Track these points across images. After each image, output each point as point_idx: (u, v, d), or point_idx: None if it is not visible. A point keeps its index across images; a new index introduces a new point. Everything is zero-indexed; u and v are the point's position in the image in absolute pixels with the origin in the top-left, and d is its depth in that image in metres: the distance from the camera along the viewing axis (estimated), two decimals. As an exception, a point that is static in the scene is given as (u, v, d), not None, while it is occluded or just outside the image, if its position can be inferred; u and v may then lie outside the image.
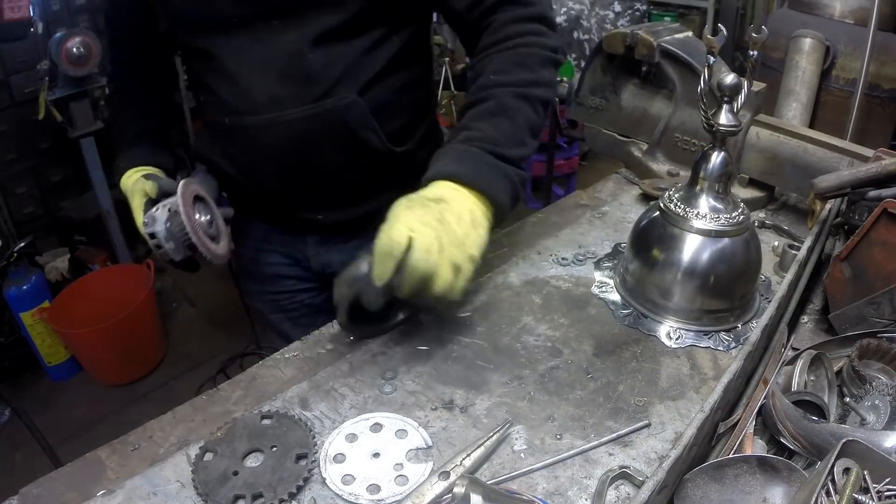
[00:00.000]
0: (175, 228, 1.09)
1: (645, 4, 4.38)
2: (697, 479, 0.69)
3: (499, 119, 1.01)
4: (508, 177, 0.97)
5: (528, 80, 1.04)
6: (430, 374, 0.93)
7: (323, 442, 0.82)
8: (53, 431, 2.73)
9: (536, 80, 1.05)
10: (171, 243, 1.09)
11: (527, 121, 1.02)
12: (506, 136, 0.99)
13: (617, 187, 1.47)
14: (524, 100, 1.02)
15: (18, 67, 3.29)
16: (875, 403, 0.80)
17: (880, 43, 2.18)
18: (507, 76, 1.03)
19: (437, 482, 0.74)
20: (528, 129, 1.03)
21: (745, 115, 1.27)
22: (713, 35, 0.91)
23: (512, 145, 0.99)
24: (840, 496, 0.59)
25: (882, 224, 0.91)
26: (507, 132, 0.99)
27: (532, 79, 1.04)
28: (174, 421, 0.87)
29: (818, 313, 1.05)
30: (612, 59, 1.46)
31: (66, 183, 3.75)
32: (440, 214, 0.88)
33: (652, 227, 1.03)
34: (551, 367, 0.94)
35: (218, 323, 3.53)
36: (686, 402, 0.88)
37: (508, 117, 1.01)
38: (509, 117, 1.01)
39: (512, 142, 0.99)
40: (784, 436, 0.74)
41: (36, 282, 2.92)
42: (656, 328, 1.01)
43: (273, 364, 0.97)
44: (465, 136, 0.99)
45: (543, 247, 1.23)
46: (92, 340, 2.93)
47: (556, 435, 0.83)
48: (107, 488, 0.76)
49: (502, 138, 0.98)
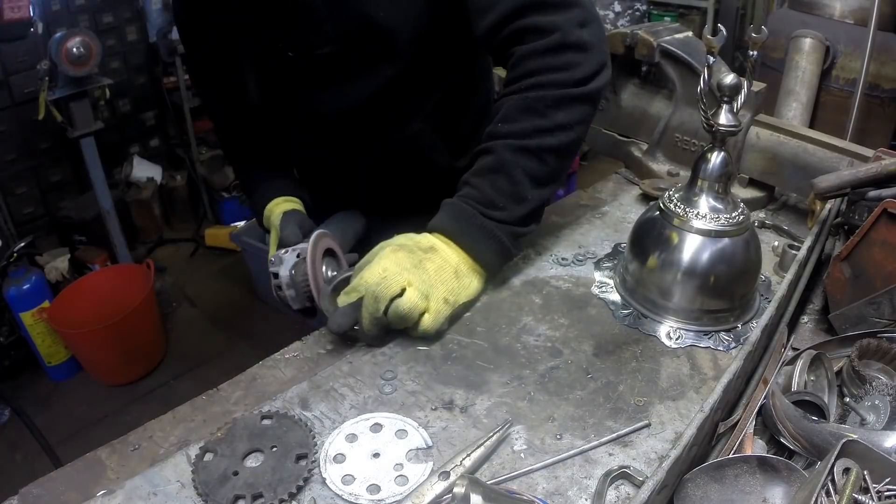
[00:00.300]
0: (298, 277, 1.10)
1: (645, 4, 4.38)
2: (697, 479, 0.69)
3: (496, 177, 1.04)
4: (495, 238, 1.03)
5: (533, 128, 1.03)
6: (430, 374, 0.93)
7: (323, 442, 0.82)
8: (53, 431, 2.74)
9: (544, 126, 1.03)
10: (291, 290, 1.11)
11: (528, 174, 1.04)
12: (502, 195, 1.04)
13: (617, 187, 1.47)
14: (525, 153, 1.03)
15: (18, 67, 3.30)
16: (875, 403, 0.80)
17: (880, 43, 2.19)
18: (511, 125, 1.04)
19: (437, 482, 0.74)
20: (530, 182, 1.04)
21: (745, 115, 1.27)
22: (713, 35, 0.91)
23: (509, 203, 1.04)
24: (840, 496, 0.59)
25: (882, 224, 0.91)
26: (503, 191, 1.04)
27: (539, 126, 1.03)
28: (174, 421, 0.87)
29: (818, 313, 1.05)
30: (612, 59, 1.45)
31: (66, 183, 3.76)
32: (419, 262, 0.98)
33: (652, 227, 1.03)
34: (551, 367, 0.94)
35: (218, 323, 3.53)
36: (686, 402, 0.88)
37: (506, 174, 1.03)
38: (506, 174, 1.03)
39: (509, 200, 1.04)
40: (784, 436, 0.74)
41: (36, 282, 2.92)
42: (656, 328, 1.01)
43: (273, 364, 0.97)
44: (464, 193, 1.06)
45: (543, 247, 1.23)
46: (92, 340, 2.93)
47: (556, 435, 0.83)
48: (107, 488, 0.76)
49: (498, 198, 1.03)
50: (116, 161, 4.01)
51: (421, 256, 0.99)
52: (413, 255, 0.98)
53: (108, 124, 3.48)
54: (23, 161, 3.51)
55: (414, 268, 0.97)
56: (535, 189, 1.05)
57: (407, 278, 0.95)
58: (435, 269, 0.99)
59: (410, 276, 0.95)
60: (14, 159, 3.47)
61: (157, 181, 4.13)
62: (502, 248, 1.05)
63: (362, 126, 1.28)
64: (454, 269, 1.01)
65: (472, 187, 1.06)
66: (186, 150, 4.22)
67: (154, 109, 4.20)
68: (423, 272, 0.97)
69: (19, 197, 3.53)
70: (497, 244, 1.04)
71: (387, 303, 0.94)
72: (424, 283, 0.96)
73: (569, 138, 1.05)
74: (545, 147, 1.03)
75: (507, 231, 1.05)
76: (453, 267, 1.01)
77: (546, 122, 1.03)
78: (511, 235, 1.05)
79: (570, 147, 1.07)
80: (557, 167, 1.07)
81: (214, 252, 4.07)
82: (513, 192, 1.04)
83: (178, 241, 4.16)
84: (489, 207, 1.04)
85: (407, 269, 0.96)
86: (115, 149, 3.94)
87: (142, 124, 4.19)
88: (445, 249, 1.02)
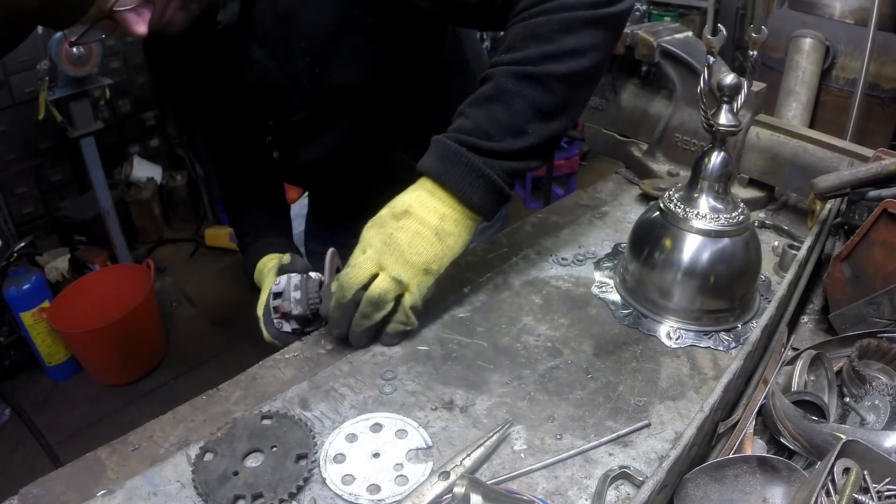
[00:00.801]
0: (311, 289, 1.06)
1: (645, 4, 4.38)
2: (697, 479, 0.69)
3: (493, 105, 0.95)
4: (484, 176, 0.94)
5: (538, 55, 0.93)
6: (430, 374, 0.93)
7: (323, 442, 0.82)
8: (53, 431, 2.74)
9: (550, 52, 0.93)
10: (298, 293, 1.06)
11: (531, 104, 0.94)
12: (497, 127, 0.94)
13: (617, 187, 1.47)
14: (528, 80, 0.93)
15: (18, 67, 3.30)
16: (875, 403, 0.80)
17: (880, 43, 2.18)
18: (514, 53, 0.95)
19: (437, 482, 0.74)
20: (532, 113, 0.94)
21: (745, 115, 1.27)
22: (713, 35, 0.91)
23: (504, 136, 0.94)
24: (840, 496, 0.59)
25: (882, 224, 0.91)
26: (500, 121, 0.94)
27: (545, 52, 0.93)
28: (174, 421, 0.87)
29: (818, 313, 1.05)
30: (613, 59, 1.46)
31: (66, 183, 3.76)
32: (389, 237, 0.93)
33: (652, 227, 1.03)
34: (551, 367, 0.94)
35: (218, 323, 3.53)
36: (686, 402, 0.88)
37: (505, 103, 0.94)
38: (506, 103, 0.94)
39: (505, 132, 0.94)
40: (784, 436, 0.74)
41: (36, 282, 2.92)
42: (656, 328, 1.01)
43: (273, 364, 0.97)
44: (456, 125, 0.97)
45: (543, 247, 1.23)
46: (92, 340, 2.93)
47: (556, 435, 0.83)
48: (107, 488, 0.76)
49: (493, 129, 0.94)
50: (116, 161, 4.01)
51: (392, 229, 0.94)
52: (384, 230, 0.94)
53: (108, 124, 3.48)
54: (23, 161, 3.51)
55: (384, 246, 0.93)
56: (540, 122, 0.95)
57: (377, 262, 0.92)
58: (408, 241, 0.93)
59: (381, 258, 0.92)
60: (14, 159, 3.47)
61: (157, 181, 4.14)
62: (493, 188, 0.95)
63: (344, 164, 1.36)
64: (434, 231, 0.94)
65: (465, 117, 0.96)
66: (186, 150, 4.22)
67: (154, 109, 4.20)
68: (395, 249, 0.92)
69: (19, 197, 3.53)
70: (486, 183, 0.94)
71: (354, 292, 0.92)
72: (397, 263, 0.92)
73: (580, 65, 0.94)
74: (552, 74, 0.93)
75: (499, 167, 0.94)
76: (433, 228, 0.94)
77: (552, 48, 0.93)
78: (505, 172, 0.95)
79: (582, 75, 0.96)
80: (567, 98, 0.96)
81: (214, 252, 4.07)
82: (511, 124, 0.94)
83: (178, 241, 4.16)
84: (482, 139, 0.94)
85: (377, 251, 0.92)
86: (115, 149, 3.94)
87: (142, 124, 4.19)
88: (423, 208, 0.94)
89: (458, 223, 0.96)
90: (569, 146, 4.20)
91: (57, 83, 2.87)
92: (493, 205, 0.97)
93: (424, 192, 0.96)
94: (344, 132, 1.28)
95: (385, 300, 0.93)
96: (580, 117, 1.38)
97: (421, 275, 0.94)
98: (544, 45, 0.93)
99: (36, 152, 3.56)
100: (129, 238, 3.58)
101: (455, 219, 0.95)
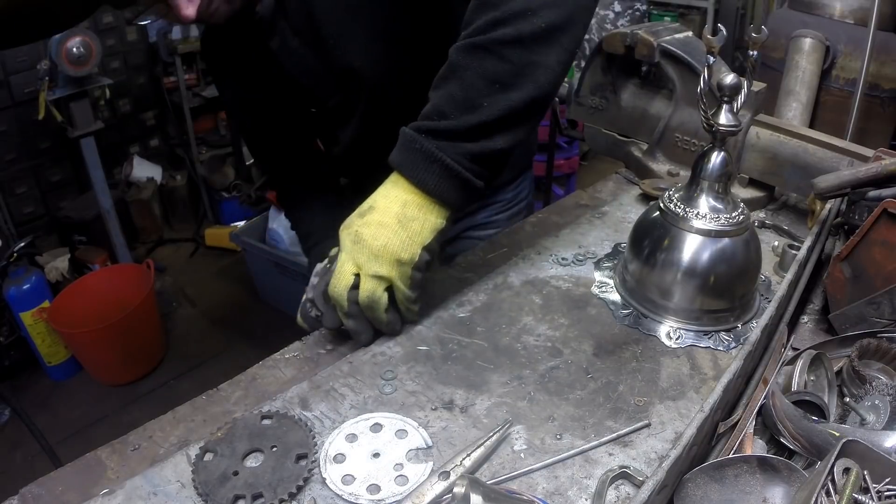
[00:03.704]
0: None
1: (645, 4, 4.38)
2: (697, 479, 0.69)
3: (448, 84, 0.91)
4: (437, 161, 0.89)
5: (486, 22, 0.89)
6: (430, 374, 0.93)
7: (323, 442, 0.82)
8: (53, 431, 2.74)
9: (499, 18, 0.88)
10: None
11: (482, 76, 0.89)
12: (451, 104, 0.90)
13: (617, 187, 1.47)
14: (476, 51, 0.89)
15: (18, 67, 3.30)
16: (875, 403, 0.80)
17: (880, 43, 2.18)
18: (467, 28, 0.92)
19: (437, 482, 0.74)
20: (485, 85, 0.89)
21: (745, 115, 1.27)
22: (713, 35, 0.91)
23: (457, 112, 0.89)
24: (840, 496, 0.59)
25: (882, 224, 0.91)
26: (454, 98, 0.90)
27: (493, 18, 0.88)
28: (174, 421, 0.87)
29: (818, 313, 1.05)
30: (612, 59, 1.46)
31: (66, 183, 3.76)
32: (355, 235, 0.92)
33: (652, 227, 1.03)
34: (551, 367, 0.94)
35: (218, 323, 3.53)
36: (686, 402, 0.88)
37: (458, 78, 0.90)
38: (458, 78, 0.90)
39: (458, 108, 0.89)
40: (784, 436, 0.74)
41: (36, 282, 2.92)
42: (656, 328, 1.01)
43: (273, 364, 0.97)
44: (422, 112, 0.94)
45: (543, 247, 1.23)
46: (92, 340, 2.93)
47: (556, 435, 0.83)
48: (107, 488, 0.76)
49: (448, 108, 0.90)
50: (116, 161, 4.02)
51: (357, 226, 0.92)
52: (351, 230, 0.93)
53: (108, 124, 3.48)
54: (23, 161, 3.51)
55: (353, 244, 0.92)
56: (497, 93, 0.89)
57: (353, 262, 0.91)
58: (372, 234, 0.90)
59: (354, 257, 0.91)
60: (14, 159, 3.47)
61: (157, 181, 4.14)
62: (448, 172, 0.90)
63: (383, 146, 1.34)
64: (397, 219, 0.91)
65: (428, 103, 0.93)
66: (186, 150, 4.22)
67: (154, 109, 4.21)
68: (362, 246, 0.91)
69: (19, 197, 3.54)
70: (441, 168, 0.90)
71: (345, 298, 0.92)
72: (368, 260, 0.91)
73: (533, 25, 0.88)
74: (499, 40, 0.88)
75: (454, 151, 0.90)
76: (395, 216, 0.91)
77: (498, 13, 0.88)
78: (462, 155, 0.90)
79: (538, 35, 0.89)
80: (524, 62, 0.89)
81: (214, 252, 4.07)
82: (464, 99, 0.89)
83: (178, 241, 4.16)
84: (438, 118, 0.90)
85: (348, 251, 0.92)
86: (115, 149, 3.95)
87: (142, 124, 4.20)
88: (386, 199, 0.93)
89: (422, 207, 0.92)
90: (569, 146, 4.20)
91: (57, 83, 2.88)
92: (455, 191, 0.92)
93: (389, 184, 0.94)
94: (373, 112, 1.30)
95: (376, 299, 0.92)
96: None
97: (396, 266, 0.91)
98: (491, 12, 0.89)
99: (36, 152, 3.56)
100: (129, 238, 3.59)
101: (418, 203, 0.92)
